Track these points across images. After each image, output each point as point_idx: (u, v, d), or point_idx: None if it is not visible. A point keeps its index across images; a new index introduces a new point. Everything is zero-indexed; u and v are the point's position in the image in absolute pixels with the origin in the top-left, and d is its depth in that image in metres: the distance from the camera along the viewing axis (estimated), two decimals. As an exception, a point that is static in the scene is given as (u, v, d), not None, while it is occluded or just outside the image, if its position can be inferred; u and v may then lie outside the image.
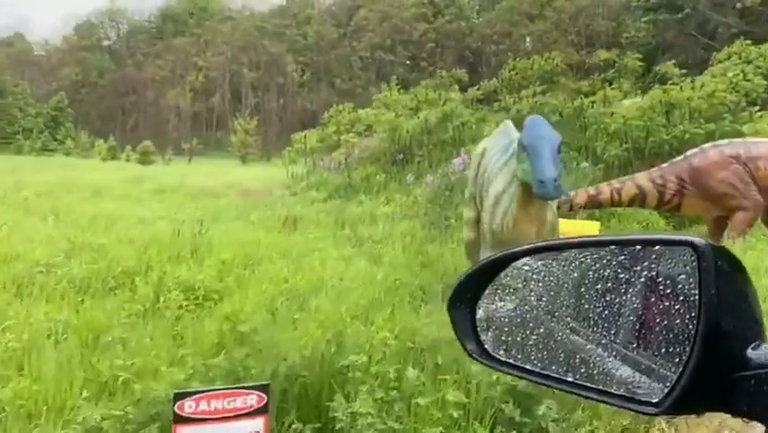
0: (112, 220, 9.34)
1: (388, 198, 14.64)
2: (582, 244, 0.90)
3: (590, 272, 0.85)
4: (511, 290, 0.96)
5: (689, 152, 9.14)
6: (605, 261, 0.84)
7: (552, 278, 0.92)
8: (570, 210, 9.02)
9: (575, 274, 0.88)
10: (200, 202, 13.74)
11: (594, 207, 9.41)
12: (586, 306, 0.85)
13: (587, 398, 0.83)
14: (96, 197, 13.73)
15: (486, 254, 5.02)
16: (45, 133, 50.57)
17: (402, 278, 5.99)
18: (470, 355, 0.94)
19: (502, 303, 0.96)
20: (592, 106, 13.88)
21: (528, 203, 4.46)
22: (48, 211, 10.32)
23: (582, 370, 0.83)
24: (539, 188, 4.03)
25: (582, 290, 0.85)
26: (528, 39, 55.28)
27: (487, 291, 0.95)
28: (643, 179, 9.15)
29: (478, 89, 18.05)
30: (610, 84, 15.72)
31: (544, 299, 0.93)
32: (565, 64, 17.77)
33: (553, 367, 0.86)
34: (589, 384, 0.80)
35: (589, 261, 0.86)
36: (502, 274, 0.94)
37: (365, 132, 20.17)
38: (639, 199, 9.10)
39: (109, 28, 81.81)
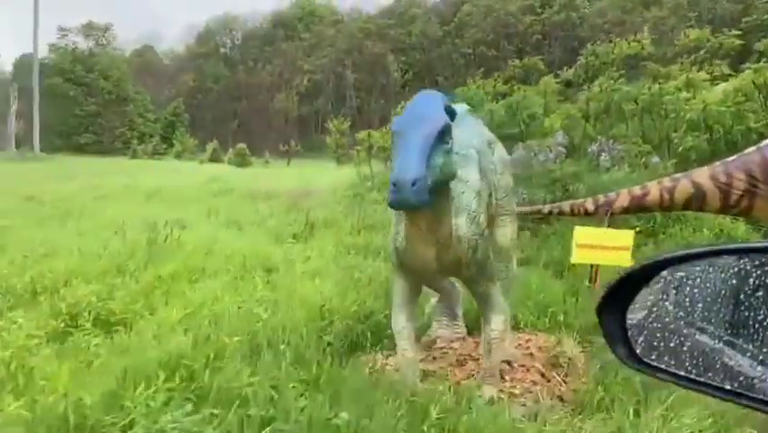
0: (116, 224, 8.96)
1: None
2: (742, 250, 0.91)
3: (751, 279, 0.85)
4: (664, 296, 0.99)
5: (763, 143, 7.39)
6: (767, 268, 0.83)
7: (707, 285, 0.93)
8: (608, 215, 7.53)
9: (733, 281, 0.88)
10: (236, 204, 13.34)
11: (639, 210, 7.81)
12: (745, 313, 0.85)
13: (748, 406, 0.82)
14: (135, 200, 13.72)
15: (397, 281, 3.95)
16: (156, 138, 53.46)
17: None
18: (621, 360, 0.99)
19: (654, 309, 0.99)
20: (675, 93, 12.01)
21: (416, 215, 3.31)
22: (66, 216, 10.33)
23: (741, 378, 0.82)
24: (391, 194, 2.86)
25: (741, 297, 0.86)
26: (645, 28, 51.31)
27: (638, 297, 0.98)
28: (702, 175, 7.43)
29: (555, 77, 16.39)
30: (701, 67, 13.59)
31: (699, 305, 0.95)
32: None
33: (709, 374, 0.87)
34: (750, 394, 0.80)
35: (749, 267, 0.86)
36: (654, 280, 0.97)
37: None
38: (697, 201, 7.40)
39: (224, 35, 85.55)
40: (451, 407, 3.51)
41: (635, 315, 0.96)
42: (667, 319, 0.96)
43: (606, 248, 6.72)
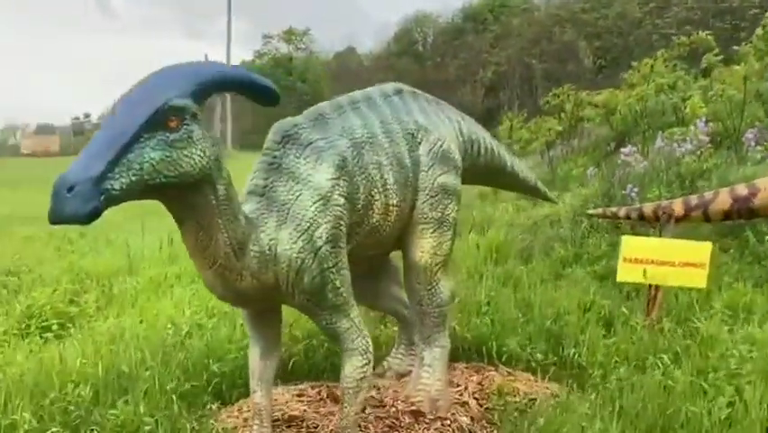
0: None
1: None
2: None
3: None
4: None
5: None
6: None
7: None
8: (672, 221, 5.98)
9: None
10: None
11: (745, 216, 6.14)
12: None
13: None
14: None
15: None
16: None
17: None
18: None
19: None
20: None
21: (190, 228, 2.59)
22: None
23: None
24: (51, 201, 2.16)
25: None
26: None
27: None
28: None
29: (716, 55, 13.79)
30: None
31: None
32: None
33: None
34: None
35: None
36: None
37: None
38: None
39: (417, 33, 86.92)
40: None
41: None
42: None
43: (671, 264, 5.27)
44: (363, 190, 3.18)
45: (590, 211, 6.62)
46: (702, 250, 5.24)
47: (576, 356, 4.32)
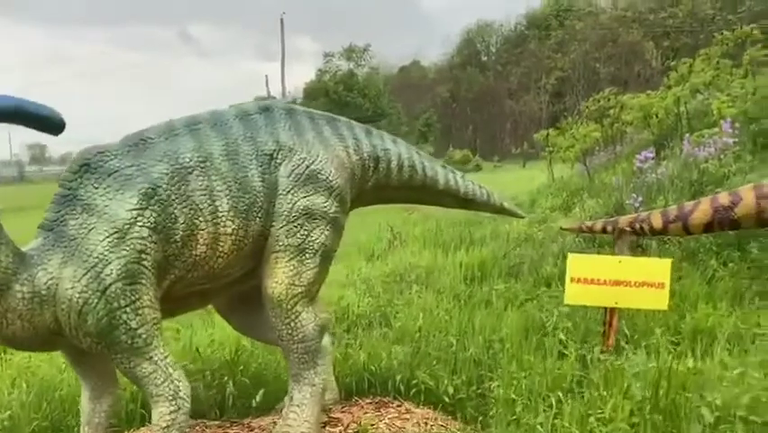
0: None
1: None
2: None
3: None
4: None
5: None
6: None
7: None
8: (642, 235, 5.49)
9: None
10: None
11: (727, 227, 5.57)
12: None
13: None
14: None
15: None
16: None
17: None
18: None
19: None
20: None
21: None
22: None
23: None
24: None
25: None
26: None
27: None
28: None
29: (764, 48, 12.75)
30: None
31: None
32: None
33: None
34: None
35: None
36: None
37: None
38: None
39: (479, 43, 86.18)
40: None
41: None
42: None
43: (627, 284, 4.79)
44: (183, 220, 2.93)
45: (565, 226, 6.12)
46: (661, 267, 4.69)
47: (492, 390, 3.91)
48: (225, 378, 4.07)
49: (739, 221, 5.21)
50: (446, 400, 3.96)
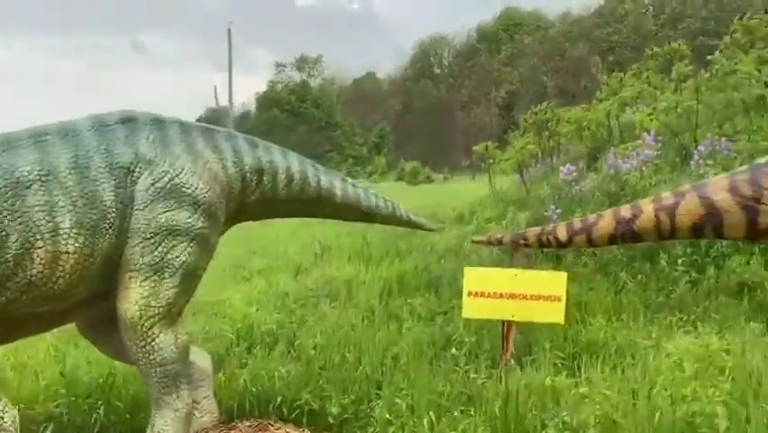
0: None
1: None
2: None
3: None
4: None
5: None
6: None
7: None
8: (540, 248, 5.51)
9: None
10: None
11: (629, 239, 5.59)
12: None
13: None
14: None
15: None
16: (349, 161, 55.87)
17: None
18: None
19: None
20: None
21: None
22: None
23: None
24: None
25: None
26: None
27: None
28: (717, 188, 5.03)
29: (688, 65, 13.12)
30: None
31: None
32: None
33: None
34: None
35: None
36: None
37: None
38: (711, 226, 5.03)
39: (432, 56, 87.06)
40: None
41: None
42: None
43: (523, 297, 4.75)
44: (17, 238, 2.76)
45: (475, 238, 6.06)
46: (557, 280, 4.69)
47: (376, 411, 3.79)
48: (99, 402, 3.85)
49: (640, 233, 5.25)
50: (330, 421, 3.82)
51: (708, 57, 13.79)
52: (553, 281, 4.65)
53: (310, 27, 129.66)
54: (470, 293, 4.67)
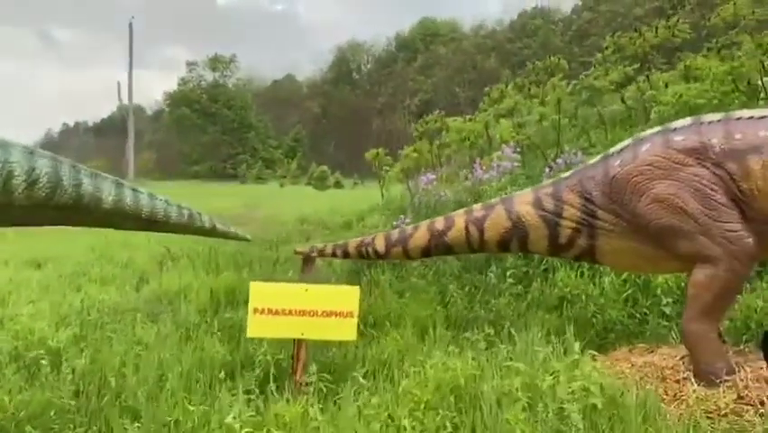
0: None
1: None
2: None
3: None
4: None
5: (614, 148, 4.72)
6: None
7: None
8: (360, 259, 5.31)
9: None
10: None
11: (444, 252, 5.44)
12: None
13: None
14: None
15: None
16: (260, 164, 54.83)
17: None
18: None
19: None
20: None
21: None
22: None
23: None
24: None
25: None
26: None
27: None
28: (521, 201, 4.93)
29: (562, 80, 13.39)
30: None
31: None
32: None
33: None
34: None
35: None
36: None
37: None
38: (517, 240, 4.92)
39: (351, 62, 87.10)
40: None
41: None
42: None
43: (313, 314, 4.43)
44: None
45: (298, 249, 5.75)
46: (349, 295, 4.42)
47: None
48: None
49: (452, 246, 5.09)
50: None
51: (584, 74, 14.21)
52: (346, 297, 4.38)
53: (231, 27, 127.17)
54: (255, 310, 4.33)
